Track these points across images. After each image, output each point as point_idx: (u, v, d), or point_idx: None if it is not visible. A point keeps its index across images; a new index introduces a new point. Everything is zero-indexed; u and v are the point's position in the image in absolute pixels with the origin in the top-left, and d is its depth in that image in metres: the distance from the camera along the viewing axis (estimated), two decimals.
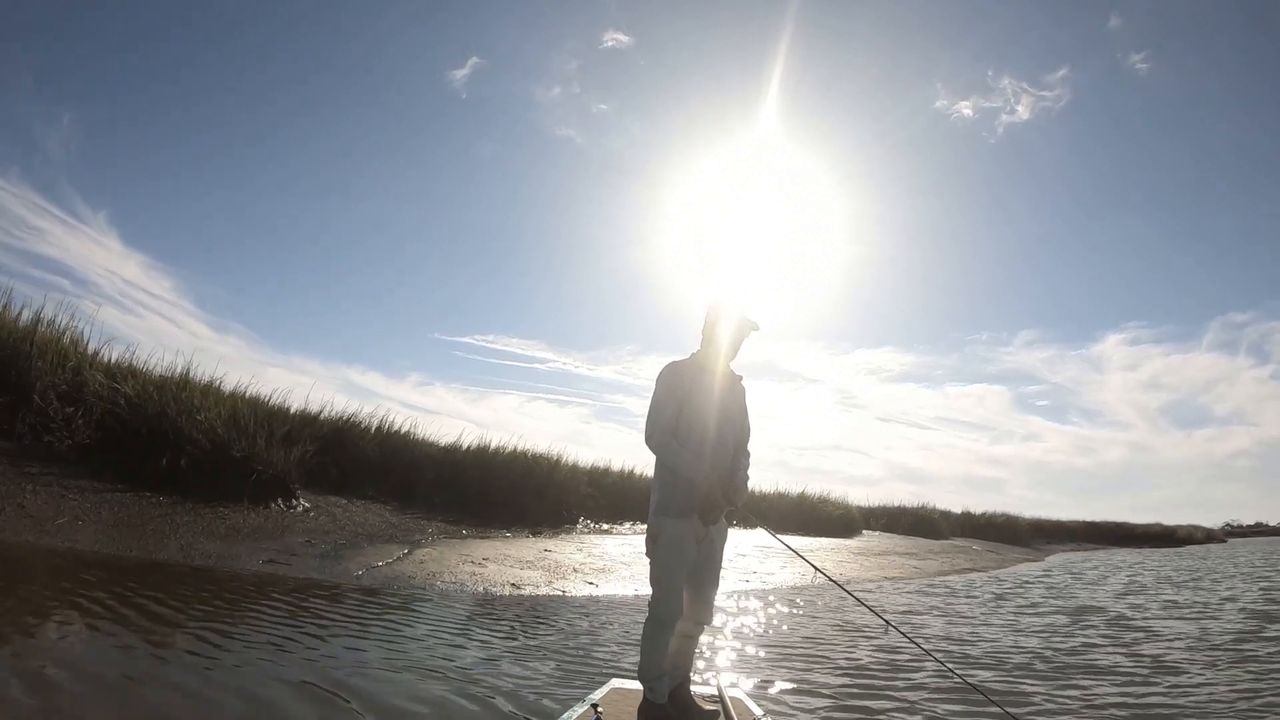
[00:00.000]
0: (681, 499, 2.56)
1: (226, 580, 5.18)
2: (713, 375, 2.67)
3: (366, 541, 7.37)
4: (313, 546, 6.71)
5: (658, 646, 2.54)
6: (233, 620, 4.06)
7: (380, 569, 6.33)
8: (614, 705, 2.67)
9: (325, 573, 5.94)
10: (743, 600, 7.46)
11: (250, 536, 6.58)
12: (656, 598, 2.58)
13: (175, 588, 4.61)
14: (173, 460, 7.33)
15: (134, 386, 7.77)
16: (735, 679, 3.86)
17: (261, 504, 7.72)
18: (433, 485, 10.58)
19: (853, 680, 4.05)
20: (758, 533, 12.36)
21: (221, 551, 5.91)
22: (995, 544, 23.68)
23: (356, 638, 4.06)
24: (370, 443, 10.23)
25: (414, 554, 7.13)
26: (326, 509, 8.49)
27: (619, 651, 4.40)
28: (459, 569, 6.81)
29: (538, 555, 8.20)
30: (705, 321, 2.74)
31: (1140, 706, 3.63)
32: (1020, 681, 4.12)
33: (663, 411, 2.59)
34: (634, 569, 8.42)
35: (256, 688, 2.99)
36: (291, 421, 9.28)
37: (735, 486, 2.67)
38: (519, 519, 10.81)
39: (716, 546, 2.69)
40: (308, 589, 5.31)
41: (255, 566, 5.74)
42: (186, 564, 5.43)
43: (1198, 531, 40.59)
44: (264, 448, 8.05)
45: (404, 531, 8.44)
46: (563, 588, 6.92)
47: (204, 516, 6.72)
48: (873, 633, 5.76)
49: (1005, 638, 5.68)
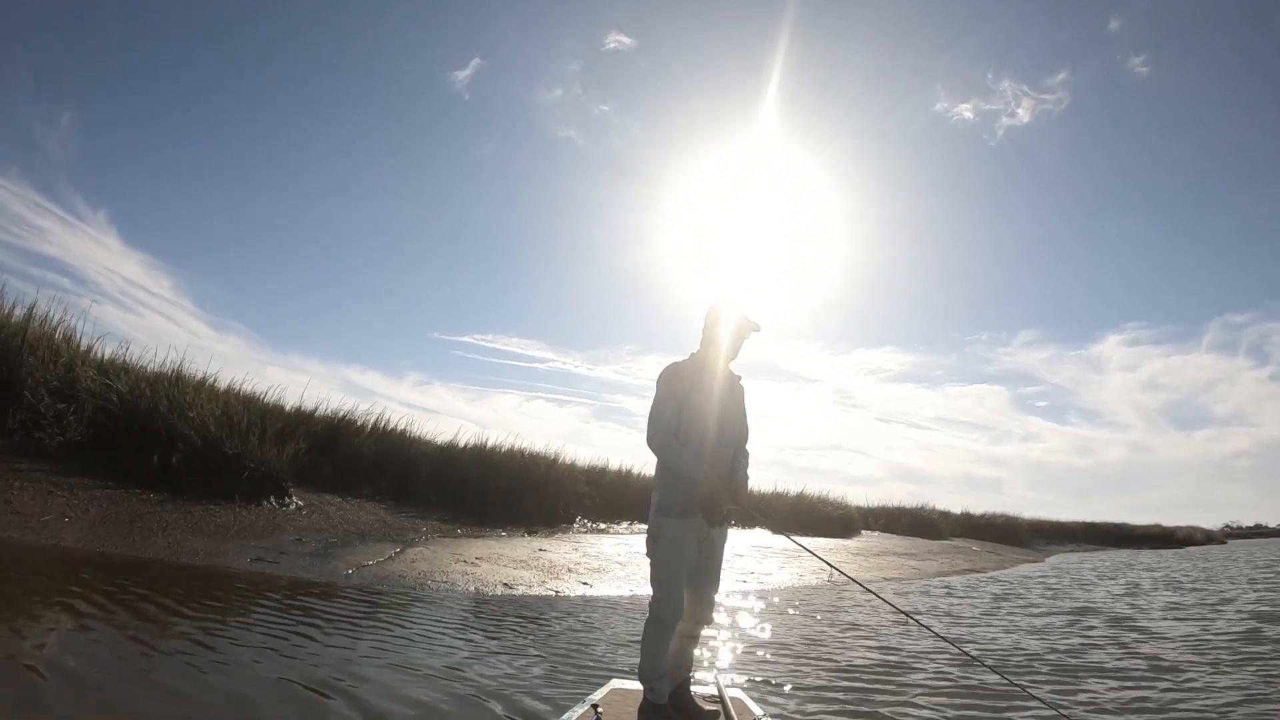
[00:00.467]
0: (683, 499, 2.55)
1: (211, 578, 5.10)
2: (713, 375, 2.66)
3: (358, 540, 7.30)
4: (303, 545, 6.64)
5: (658, 647, 2.53)
6: (219, 619, 3.98)
7: (370, 568, 6.25)
8: (614, 705, 2.66)
9: (314, 571, 5.87)
10: (741, 600, 7.39)
11: (240, 534, 6.51)
12: (657, 598, 2.56)
13: (158, 585, 4.54)
14: (164, 457, 7.26)
15: (126, 383, 7.71)
16: (735, 679, 3.82)
17: (253, 502, 7.65)
18: (429, 484, 10.50)
19: (852, 680, 4.01)
20: (756, 533, 12.28)
21: (209, 549, 5.84)
22: (995, 545, 23.62)
23: (346, 636, 3.99)
24: (366, 441, 10.16)
25: (406, 553, 7.06)
26: (320, 507, 8.42)
27: (609, 651, 4.33)
28: (451, 568, 6.73)
29: (532, 555, 8.12)
30: (705, 322, 2.73)
31: (1143, 706, 3.55)
32: (1024, 680, 4.03)
33: (663, 412, 2.58)
34: (629, 569, 8.34)
35: (242, 687, 2.92)
36: (285, 419, 9.21)
37: (736, 486, 2.66)
38: (515, 518, 10.73)
39: (717, 547, 2.68)
40: (294, 588, 5.24)
41: (243, 565, 5.67)
42: (172, 561, 5.36)
43: (1197, 533, 40.41)
44: (256, 445, 7.98)
45: (398, 530, 8.36)
46: (556, 588, 6.84)
47: (194, 514, 6.64)
48: (872, 633, 5.68)
49: (1005, 638, 5.59)
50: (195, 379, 8.41)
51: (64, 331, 7.99)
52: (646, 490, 10.92)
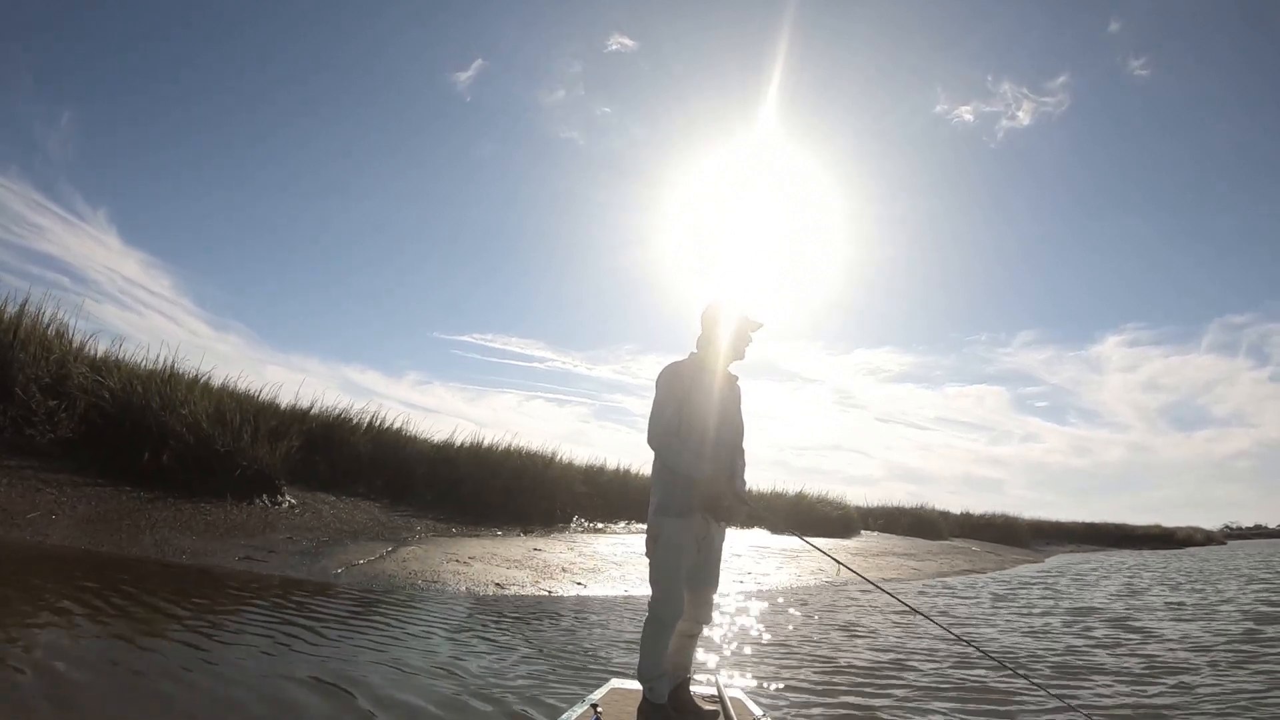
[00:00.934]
0: (682, 498, 2.55)
1: (198, 576, 5.03)
2: (713, 375, 2.66)
3: (350, 539, 7.22)
4: (294, 543, 6.56)
5: (657, 646, 2.52)
6: (204, 618, 3.91)
7: (361, 567, 6.18)
8: (614, 705, 2.64)
9: (303, 570, 5.79)
10: (740, 601, 7.30)
11: (230, 533, 6.44)
12: (656, 597, 2.56)
13: (144, 583, 4.46)
14: (156, 455, 7.19)
15: (119, 380, 7.65)
16: (734, 679, 3.79)
17: (245, 500, 7.58)
18: (425, 483, 10.43)
19: (851, 680, 3.98)
20: (754, 533, 12.19)
21: (197, 548, 5.76)
22: (995, 545, 23.50)
23: (335, 635, 3.91)
24: (361, 439, 10.09)
25: (398, 552, 6.98)
26: (313, 506, 8.35)
27: (599, 649, 4.24)
28: (443, 568, 6.65)
29: (526, 554, 8.04)
30: (703, 322, 2.72)
31: (1150, 706, 3.47)
32: (1020, 683, 3.95)
33: (663, 412, 2.58)
34: (625, 569, 8.25)
35: (227, 687, 2.84)
36: (280, 417, 9.14)
37: (739, 486, 2.66)
38: (513, 518, 10.65)
39: (716, 546, 2.68)
40: (283, 587, 5.16)
41: (231, 563, 5.60)
42: (159, 560, 5.29)
43: (1197, 533, 40.15)
44: (249, 443, 7.91)
45: (391, 529, 8.29)
46: (549, 588, 6.76)
47: (183, 512, 6.57)
48: (871, 632, 5.60)
49: (1005, 638, 5.51)
50: (189, 377, 8.34)
51: (57, 328, 7.93)
52: (644, 489, 10.81)
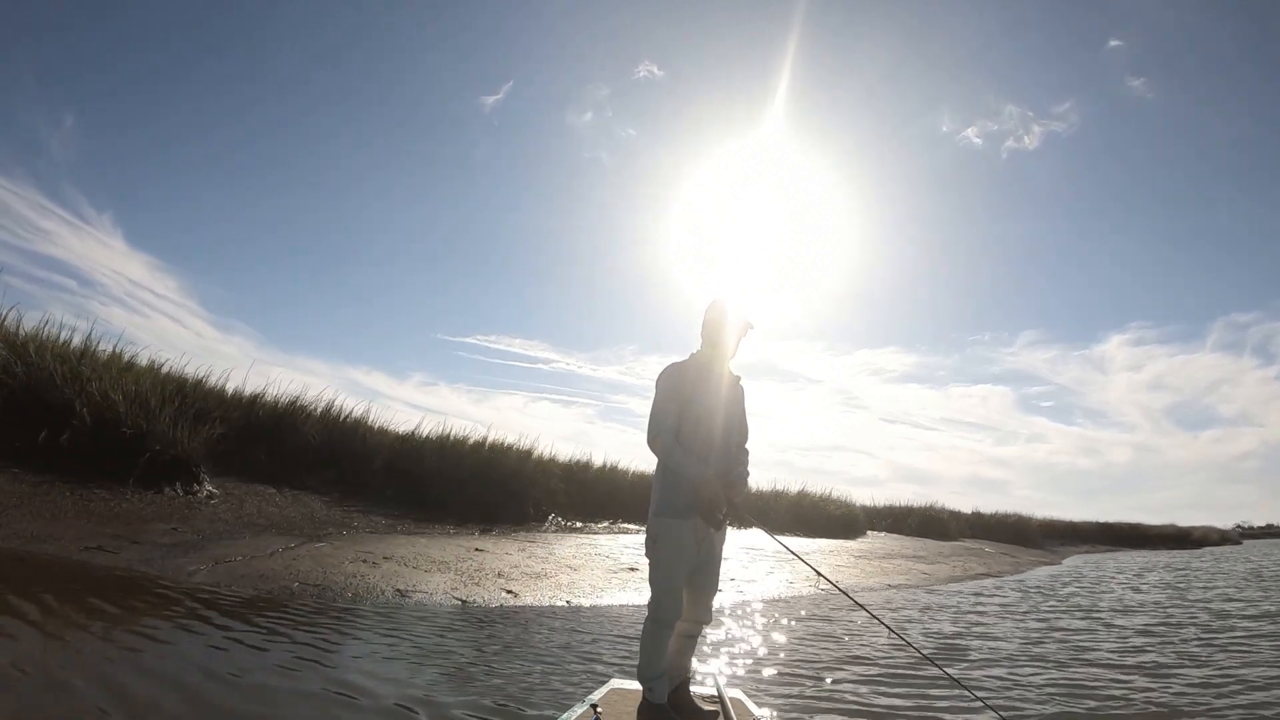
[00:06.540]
0: (683, 500, 2.49)
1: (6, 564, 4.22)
2: (719, 378, 2.61)
3: (252, 534, 6.37)
4: (174, 534, 5.75)
5: (657, 647, 2.49)
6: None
7: (232, 565, 5.28)
8: (613, 705, 2.59)
9: (155, 566, 4.93)
10: (733, 605, 6.46)
11: (106, 521, 5.68)
12: (656, 598, 2.52)
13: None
14: (54, 435, 6.58)
15: (31, 355, 7.11)
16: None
17: (153, 488, 6.87)
18: (383, 476, 9.61)
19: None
20: (749, 534, 10.80)
21: (40, 533, 5.00)
22: (1008, 545, 21.62)
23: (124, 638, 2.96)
24: (314, 428, 9.35)
25: (298, 549, 6.07)
26: (241, 497, 7.59)
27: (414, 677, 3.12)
28: (339, 569, 5.69)
29: (461, 556, 7.00)
30: (707, 322, 2.65)
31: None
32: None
33: (665, 413, 2.52)
34: (578, 575, 7.10)
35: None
36: (215, 401, 8.49)
37: (734, 484, 2.58)
38: (478, 515, 9.69)
39: (716, 547, 2.62)
40: (92, 582, 4.28)
41: (70, 553, 4.79)
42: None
43: (1213, 533, 39.03)
44: (168, 427, 7.23)
45: (319, 524, 7.43)
46: (466, 595, 5.69)
47: (62, 498, 5.87)
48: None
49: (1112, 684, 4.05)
50: (109, 354, 7.75)
51: None
52: (634, 487, 9.38)
